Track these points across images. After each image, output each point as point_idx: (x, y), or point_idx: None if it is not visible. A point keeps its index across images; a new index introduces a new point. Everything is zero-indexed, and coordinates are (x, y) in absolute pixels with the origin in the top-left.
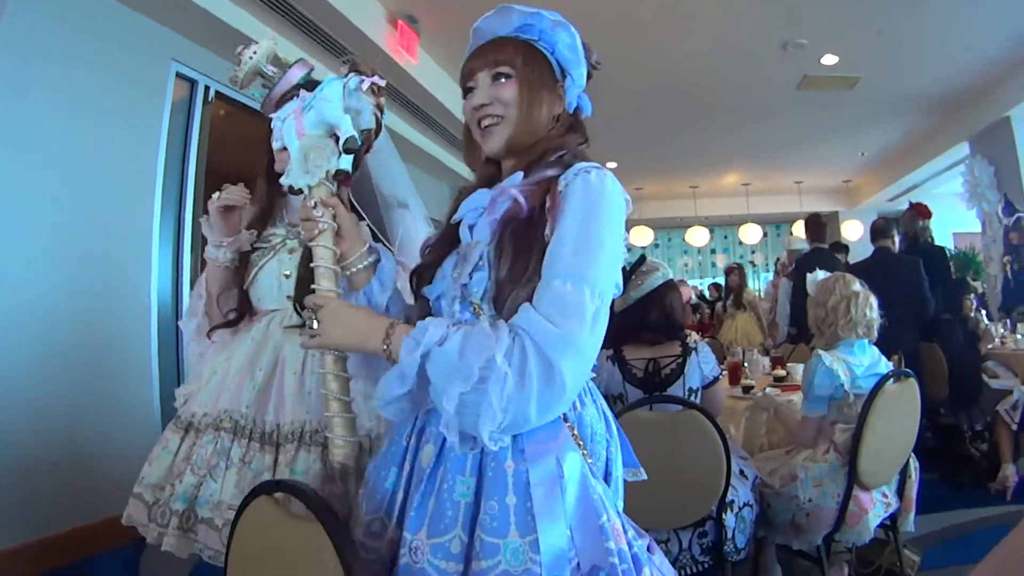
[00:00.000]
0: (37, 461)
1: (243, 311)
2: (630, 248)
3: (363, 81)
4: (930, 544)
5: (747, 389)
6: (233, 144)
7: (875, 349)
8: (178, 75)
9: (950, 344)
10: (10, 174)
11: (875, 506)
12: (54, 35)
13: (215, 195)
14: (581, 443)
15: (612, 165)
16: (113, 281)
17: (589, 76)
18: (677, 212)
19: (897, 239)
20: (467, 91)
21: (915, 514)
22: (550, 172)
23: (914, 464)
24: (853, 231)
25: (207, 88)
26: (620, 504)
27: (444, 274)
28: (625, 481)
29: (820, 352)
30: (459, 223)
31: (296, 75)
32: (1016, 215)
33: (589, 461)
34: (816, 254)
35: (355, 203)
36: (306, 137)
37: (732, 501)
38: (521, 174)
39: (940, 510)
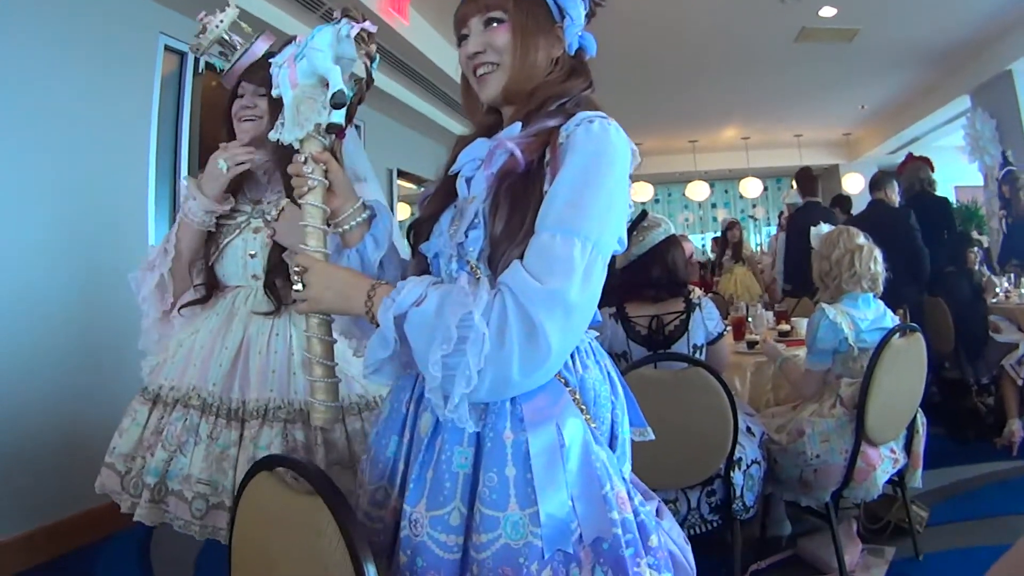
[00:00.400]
0: (35, 449)
1: (211, 287)
2: (632, 204)
3: (353, 27)
4: (937, 500)
5: (752, 344)
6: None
7: (880, 303)
8: (166, 48)
9: (955, 297)
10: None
11: (883, 462)
12: (40, 11)
13: (219, 156)
14: (584, 407)
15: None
16: (109, 260)
17: (593, 14)
18: (677, 167)
19: (898, 190)
20: (461, 39)
21: (922, 470)
22: (550, 122)
23: (921, 419)
24: (854, 184)
25: (196, 60)
26: (627, 467)
27: (441, 230)
28: (632, 441)
29: (824, 306)
30: (456, 175)
31: (260, 48)
32: (1007, 168)
33: (593, 426)
34: (809, 208)
35: None
36: (299, 87)
37: (740, 459)
38: (519, 124)
39: (946, 465)
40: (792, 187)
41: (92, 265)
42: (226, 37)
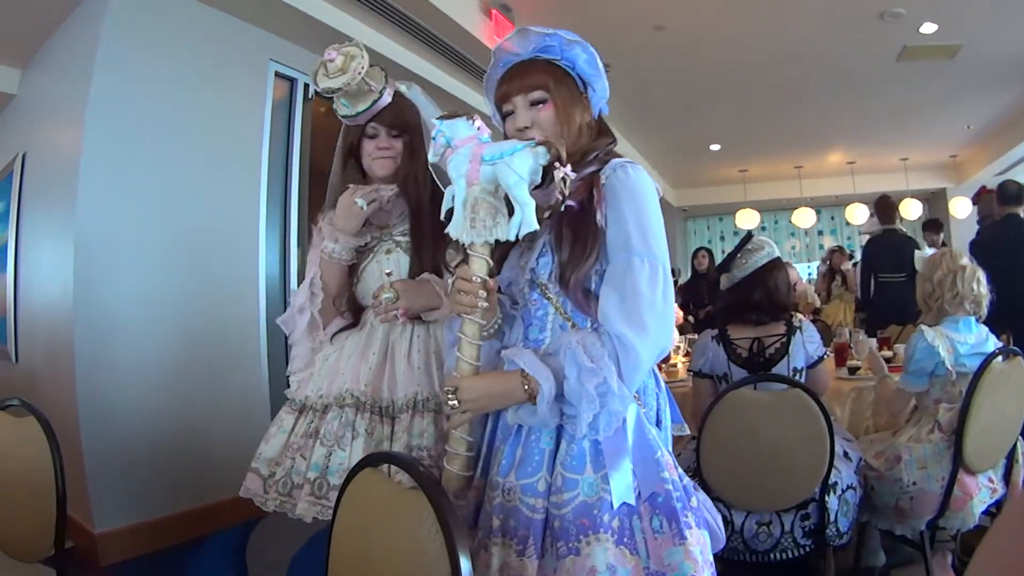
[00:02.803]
0: (153, 447)
1: (357, 311)
2: (737, 231)
3: (554, 165)
4: None
5: (853, 370)
6: (334, 140)
7: (983, 328)
8: (277, 74)
9: None
10: (120, 178)
11: (980, 491)
12: (159, 41)
13: (356, 195)
14: (637, 395)
15: (715, 148)
16: (223, 278)
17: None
18: (783, 193)
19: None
20: (505, 114)
21: None
22: (590, 169)
23: (1021, 448)
24: (962, 208)
25: (306, 86)
26: (669, 447)
27: (512, 264)
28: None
29: (923, 328)
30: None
31: (388, 97)
32: None
33: (644, 410)
34: (886, 235)
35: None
36: (478, 187)
37: (835, 483)
38: None
39: None
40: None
41: (207, 280)
42: (362, 80)
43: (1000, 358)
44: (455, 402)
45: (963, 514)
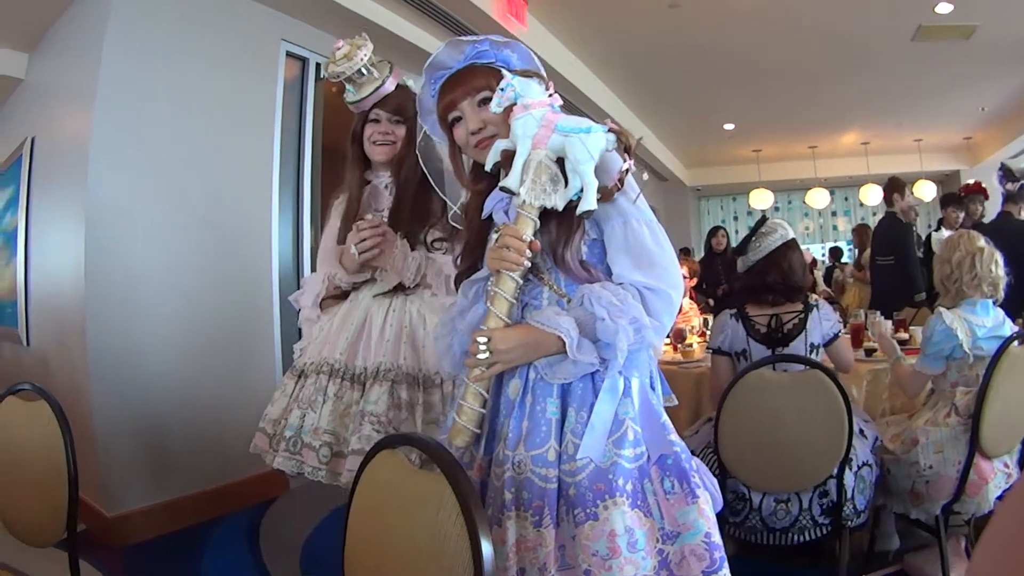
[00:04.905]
0: (165, 429)
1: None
2: (750, 211)
3: (624, 150)
4: None
5: (870, 351)
6: (346, 120)
7: (1000, 311)
8: (288, 54)
9: None
10: (131, 161)
11: (996, 476)
12: (169, 21)
13: (352, 243)
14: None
15: (729, 127)
16: (235, 258)
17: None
18: (797, 174)
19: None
20: (454, 121)
21: None
22: None
23: None
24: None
25: (317, 65)
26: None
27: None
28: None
29: (941, 310)
30: (488, 218)
31: (391, 85)
32: None
33: (643, 379)
34: (885, 218)
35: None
36: (543, 151)
37: (851, 459)
38: None
39: None
40: (912, 194)
41: (220, 258)
42: (363, 70)
43: (1017, 342)
44: (487, 353)
45: (978, 499)
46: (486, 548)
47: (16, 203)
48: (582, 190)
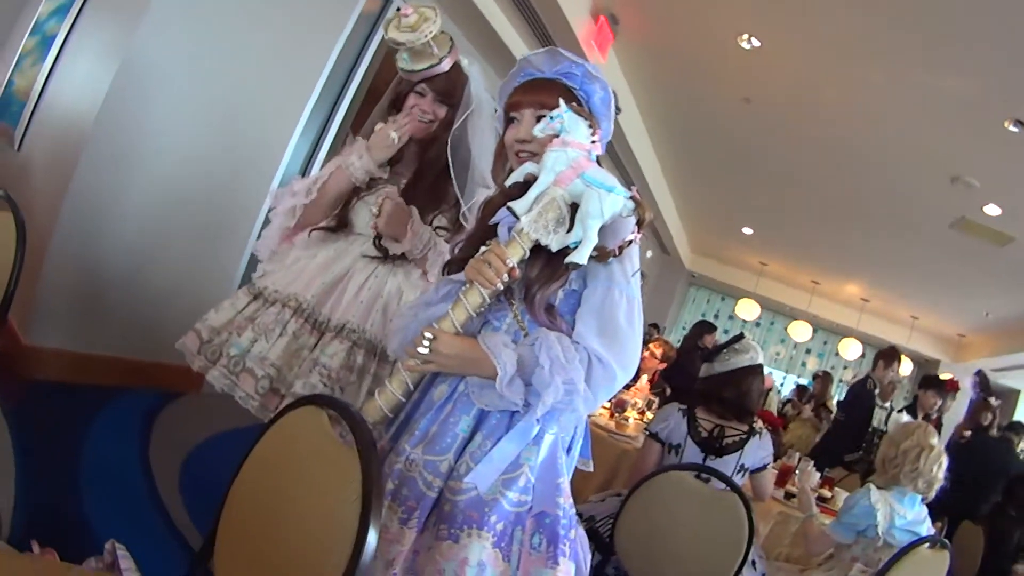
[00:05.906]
0: (113, 284)
1: (343, 224)
2: (732, 316)
3: (637, 221)
4: None
5: (789, 495)
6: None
7: (924, 509)
8: None
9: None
10: (186, 25)
11: None
12: None
13: (391, 128)
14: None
15: (748, 231)
16: (246, 151)
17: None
18: (790, 300)
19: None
20: (511, 120)
21: None
22: None
23: None
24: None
25: (398, 9)
26: (570, 474)
27: None
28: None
29: (871, 487)
30: (495, 225)
31: (447, 65)
32: None
33: (561, 435)
34: (861, 384)
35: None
36: (560, 191)
37: None
38: None
39: None
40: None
41: (232, 148)
42: (427, 43)
43: (927, 545)
44: (427, 350)
45: None
46: (370, 542)
47: (65, 12)
48: (581, 241)
